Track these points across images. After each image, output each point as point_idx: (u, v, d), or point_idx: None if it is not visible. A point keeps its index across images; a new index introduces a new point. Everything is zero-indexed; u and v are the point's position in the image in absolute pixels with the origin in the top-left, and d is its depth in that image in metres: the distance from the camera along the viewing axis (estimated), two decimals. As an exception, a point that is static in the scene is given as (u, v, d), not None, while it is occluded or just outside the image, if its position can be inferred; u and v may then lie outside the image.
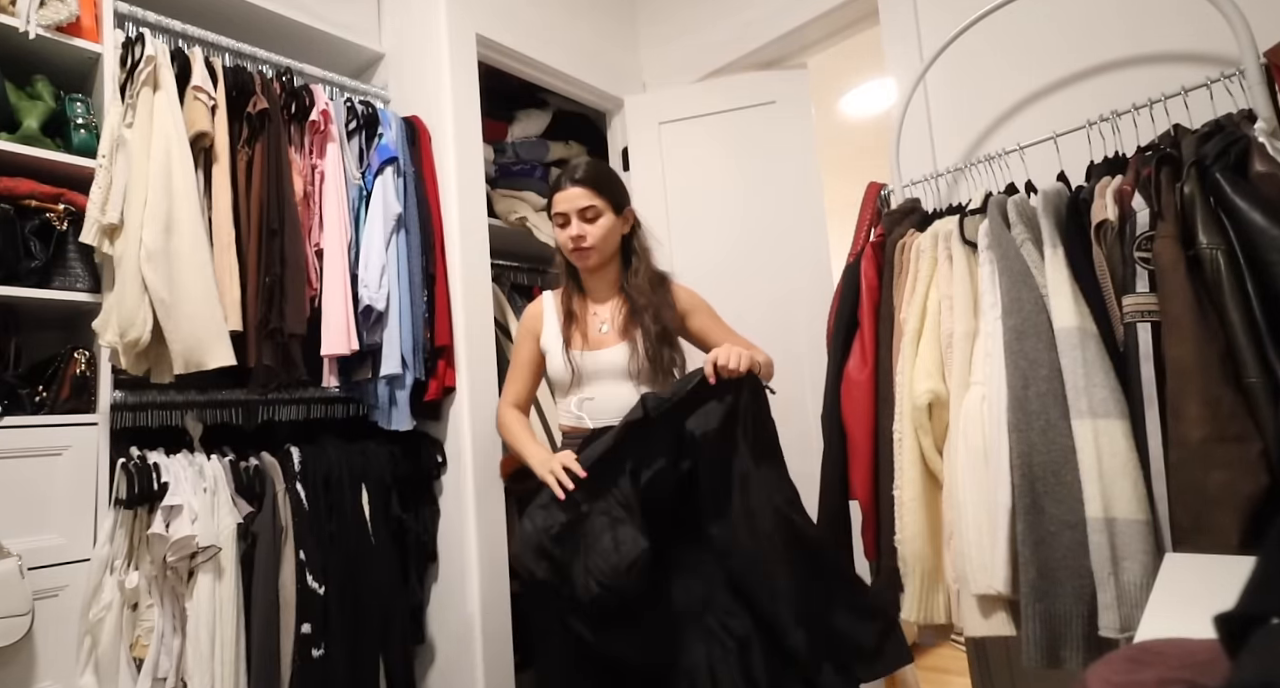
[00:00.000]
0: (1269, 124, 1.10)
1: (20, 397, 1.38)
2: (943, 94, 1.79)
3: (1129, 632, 1.02)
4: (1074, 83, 1.58)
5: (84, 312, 1.45)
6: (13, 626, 1.21)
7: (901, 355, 1.37)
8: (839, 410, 1.49)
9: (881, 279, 1.49)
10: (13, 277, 1.38)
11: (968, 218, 1.37)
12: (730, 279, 2.27)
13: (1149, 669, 0.44)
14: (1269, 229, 0.98)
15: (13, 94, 1.47)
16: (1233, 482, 0.96)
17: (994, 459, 1.18)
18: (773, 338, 2.19)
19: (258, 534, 1.46)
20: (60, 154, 1.45)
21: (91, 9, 1.52)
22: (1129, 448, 1.06)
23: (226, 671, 1.37)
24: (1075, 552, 1.08)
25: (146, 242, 1.39)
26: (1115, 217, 1.17)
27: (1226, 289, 1.00)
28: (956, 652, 2.48)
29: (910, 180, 1.69)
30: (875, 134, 3.31)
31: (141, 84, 1.45)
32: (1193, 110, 1.26)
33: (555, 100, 2.48)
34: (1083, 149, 1.37)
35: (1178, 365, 1.02)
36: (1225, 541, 0.95)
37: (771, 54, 2.29)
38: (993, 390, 1.21)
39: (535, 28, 2.18)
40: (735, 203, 2.29)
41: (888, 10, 1.91)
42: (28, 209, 1.41)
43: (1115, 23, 1.52)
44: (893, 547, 1.32)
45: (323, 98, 1.76)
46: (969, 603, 1.21)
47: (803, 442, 2.11)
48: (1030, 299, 1.20)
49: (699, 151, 2.35)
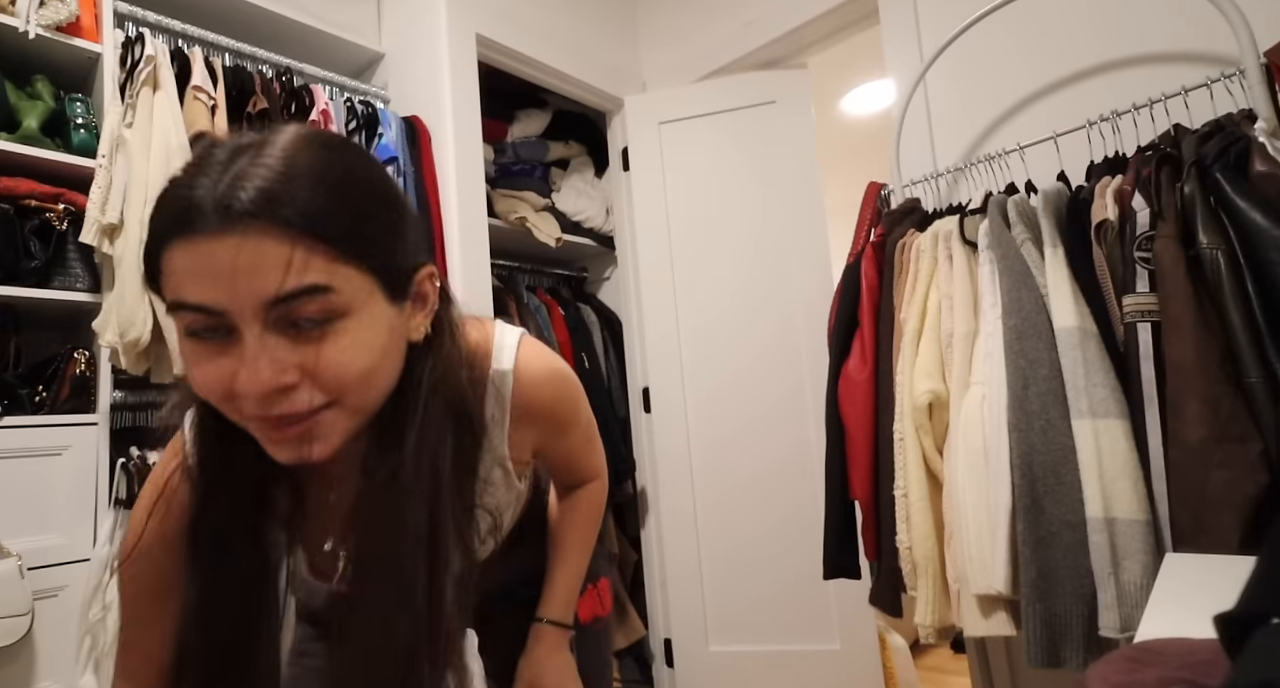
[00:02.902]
0: (1269, 124, 1.10)
1: (20, 397, 1.38)
2: (943, 94, 1.79)
3: (1129, 632, 1.02)
4: (1074, 82, 1.57)
5: (84, 312, 1.45)
6: (13, 626, 1.21)
7: (901, 355, 1.37)
8: (839, 410, 1.49)
9: (881, 279, 1.49)
10: (13, 277, 1.38)
11: (968, 218, 1.37)
12: (730, 279, 2.27)
13: (1149, 669, 0.44)
14: (1269, 229, 0.98)
15: (12, 94, 1.47)
16: (1233, 482, 0.96)
17: (994, 459, 1.18)
18: (773, 338, 2.20)
19: (257, 534, 1.45)
20: (60, 154, 1.45)
21: (91, 9, 1.51)
22: (1129, 448, 1.06)
23: (226, 671, 1.36)
24: (1075, 552, 1.08)
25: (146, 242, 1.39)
26: (1115, 216, 1.17)
27: (1226, 289, 1.00)
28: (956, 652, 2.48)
29: (910, 180, 1.69)
30: (875, 134, 3.30)
31: (141, 84, 1.45)
32: (1193, 110, 1.26)
33: (555, 100, 2.48)
34: (1083, 149, 1.36)
35: (1178, 365, 1.02)
36: (1225, 541, 0.95)
37: (771, 54, 2.29)
38: (993, 390, 1.21)
39: (535, 28, 2.18)
40: (735, 203, 2.29)
41: (888, 10, 1.91)
42: (27, 209, 1.41)
43: (1115, 22, 1.52)
44: (893, 547, 1.32)
45: (323, 98, 1.76)
46: (969, 603, 1.21)
47: (801, 441, 2.11)
48: (1030, 299, 1.19)
49: (699, 151, 2.35)
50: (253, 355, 0.47)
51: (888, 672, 2.04)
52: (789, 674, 2.07)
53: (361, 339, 0.50)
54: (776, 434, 2.14)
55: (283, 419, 0.49)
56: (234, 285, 0.45)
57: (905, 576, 1.31)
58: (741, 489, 2.18)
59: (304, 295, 0.47)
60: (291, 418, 0.50)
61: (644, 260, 2.38)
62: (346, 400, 0.51)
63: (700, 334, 2.28)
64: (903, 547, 1.30)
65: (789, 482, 2.11)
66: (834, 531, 1.49)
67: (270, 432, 0.51)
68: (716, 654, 2.15)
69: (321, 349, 0.48)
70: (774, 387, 2.16)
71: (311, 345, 0.48)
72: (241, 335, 0.47)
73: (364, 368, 0.50)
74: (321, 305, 0.48)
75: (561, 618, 0.81)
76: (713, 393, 2.24)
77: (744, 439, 2.18)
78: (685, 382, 2.27)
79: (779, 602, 2.11)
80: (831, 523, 1.50)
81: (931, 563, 1.27)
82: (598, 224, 2.47)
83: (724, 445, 2.21)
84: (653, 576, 2.29)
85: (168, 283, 0.48)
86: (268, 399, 0.48)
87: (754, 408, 2.18)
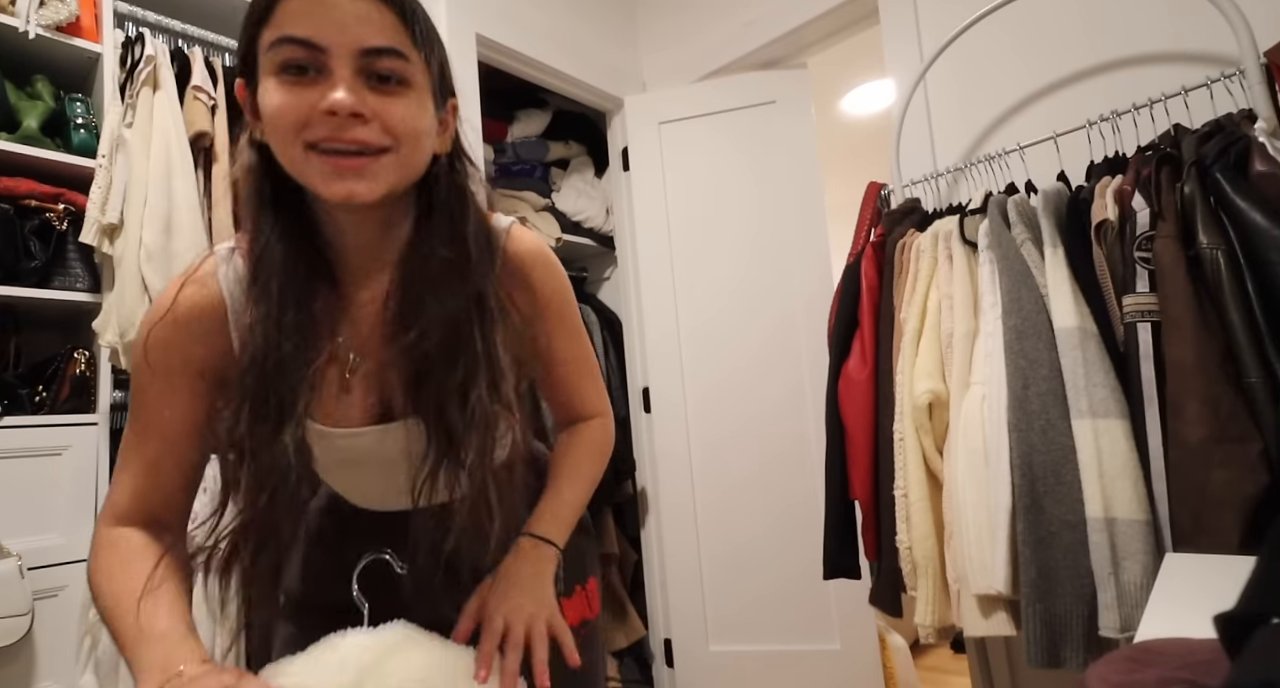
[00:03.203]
0: (1269, 124, 1.10)
1: (20, 397, 1.38)
2: (943, 94, 1.79)
3: (1129, 632, 1.02)
4: (1074, 82, 1.57)
5: (84, 312, 1.45)
6: (13, 626, 1.21)
7: (901, 355, 1.37)
8: (839, 410, 1.49)
9: (881, 279, 1.49)
10: (13, 277, 1.38)
11: (968, 218, 1.37)
12: (730, 279, 2.27)
13: (1149, 669, 0.44)
14: (1269, 229, 0.98)
15: (12, 94, 1.47)
16: (1233, 482, 0.96)
17: (994, 459, 1.18)
18: (773, 338, 2.20)
19: (257, 534, 1.46)
20: (60, 154, 1.45)
21: (91, 9, 1.51)
22: (1129, 448, 1.06)
23: (226, 671, 1.37)
24: (1075, 552, 1.08)
25: (146, 242, 1.39)
26: (1115, 216, 1.17)
27: (1226, 289, 1.00)
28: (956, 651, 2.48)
29: (910, 180, 1.69)
30: (875, 134, 3.31)
31: (141, 84, 1.45)
32: (1193, 110, 1.26)
33: (555, 100, 2.48)
34: (1083, 149, 1.36)
35: (1178, 365, 1.02)
36: (1225, 541, 0.95)
37: (771, 54, 2.29)
38: (993, 390, 1.21)
39: (535, 28, 2.18)
40: (735, 203, 2.29)
41: (888, 10, 1.91)
42: (28, 209, 1.41)
43: (1115, 22, 1.52)
44: (893, 547, 1.32)
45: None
46: (969, 603, 1.21)
47: (801, 441, 2.11)
48: (1030, 299, 1.20)
49: (699, 151, 2.35)
50: (344, 84, 0.57)
51: (888, 672, 2.04)
52: (789, 674, 2.07)
53: (417, 108, 0.62)
54: (776, 433, 2.14)
55: (348, 151, 0.58)
56: (344, 29, 0.57)
57: (905, 576, 1.31)
58: (741, 488, 2.18)
59: (388, 53, 0.59)
60: (356, 148, 0.58)
61: (644, 260, 2.38)
62: (400, 151, 0.61)
63: (700, 334, 2.28)
64: (903, 547, 1.30)
65: (788, 480, 2.11)
66: (834, 531, 1.50)
67: (334, 161, 0.58)
68: (716, 654, 2.15)
69: (391, 102, 0.60)
70: (774, 386, 2.16)
71: (384, 97, 0.59)
72: (332, 73, 0.57)
73: (417, 128, 0.62)
74: (397, 66, 0.59)
75: (543, 533, 0.74)
76: (713, 392, 2.24)
77: (743, 438, 2.18)
78: (685, 382, 2.27)
79: (779, 602, 2.11)
80: (832, 523, 1.50)
81: (931, 563, 1.27)
82: (597, 224, 2.47)
83: (724, 445, 2.21)
84: (653, 575, 2.29)
85: (276, 22, 0.58)
86: (345, 122, 0.57)
87: (754, 407, 2.18)
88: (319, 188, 0.59)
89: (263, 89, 0.59)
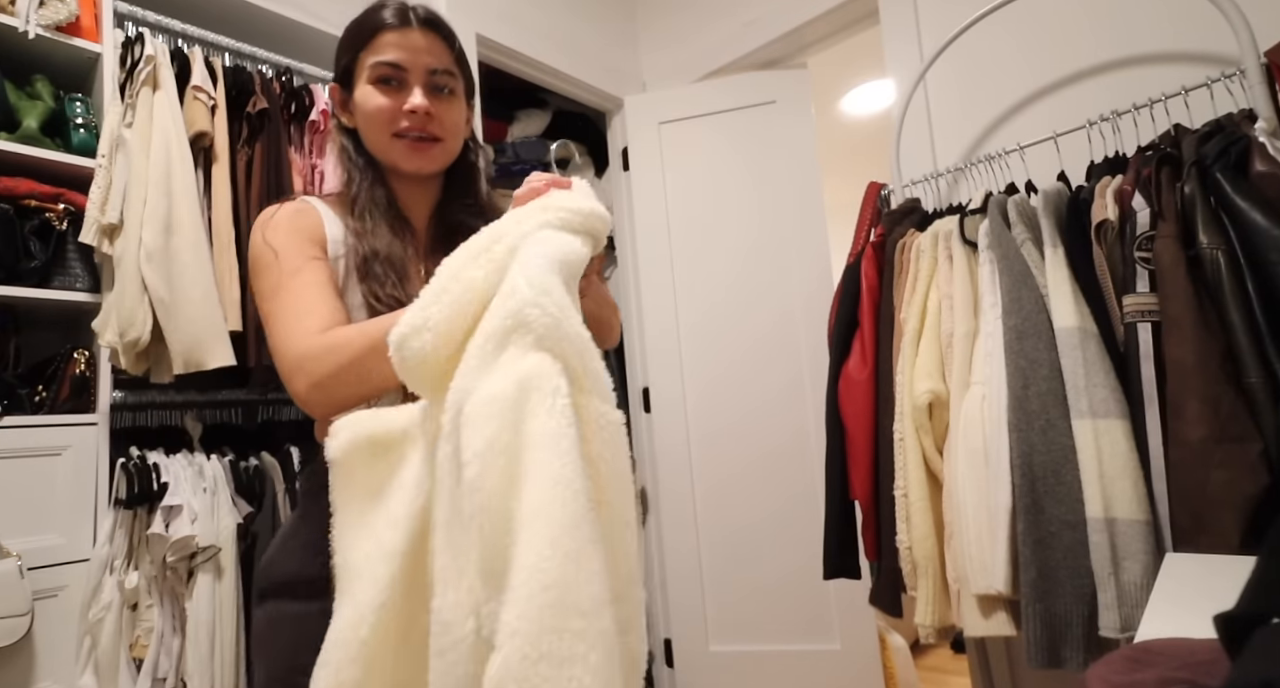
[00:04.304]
0: (1269, 124, 1.10)
1: (20, 397, 1.38)
2: (943, 94, 1.79)
3: (1129, 632, 1.02)
4: (1074, 82, 1.57)
5: (84, 312, 1.45)
6: (13, 626, 1.21)
7: (901, 355, 1.37)
8: (839, 410, 1.49)
9: (882, 279, 1.49)
10: (12, 276, 1.38)
11: (968, 218, 1.37)
12: (731, 278, 2.27)
13: (1149, 669, 0.44)
14: (1269, 229, 0.98)
15: (12, 94, 1.47)
16: (1233, 482, 0.96)
17: (994, 459, 1.18)
18: (772, 338, 2.20)
19: (258, 534, 1.46)
20: (60, 154, 1.45)
21: (91, 8, 1.51)
22: (1129, 448, 1.06)
23: (226, 671, 1.36)
24: (1075, 552, 1.08)
25: (146, 241, 1.39)
26: (1115, 216, 1.17)
27: (1227, 289, 1.00)
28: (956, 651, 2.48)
29: (910, 180, 1.69)
30: (875, 134, 3.31)
31: (141, 84, 1.45)
32: (1193, 110, 1.26)
33: (555, 100, 2.48)
34: (1083, 149, 1.36)
35: (1178, 365, 1.02)
36: (1225, 541, 0.95)
37: (771, 54, 2.29)
38: (993, 390, 1.21)
39: (535, 28, 2.18)
40: (735, 203, 2.29)
41: (888, 10, 1.91)
42: (27, 209, 1.41)
43: (1115, 22, 1.52)
44: (893, 547, 1.32)
45: (323, 97, 1.75)
46: (969, 603, 1.21)
47: (800, 438, 2.11)
48: (1030, 299, 1.20)
49: (699, 151, 2.35)
50: (420, 93, 0.84)
51: (888, 672, 2.04)
52: (789, 674, 2.07)
53: (459, 111, 0.89)
54: (775, 430, 2.14)
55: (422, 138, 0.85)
56: (418, 56, 0.85)
57: (905, 576, 1.31)
58: (740, 485, 2.18)
59: (445, 73, 0.86)
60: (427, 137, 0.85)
61: (644, 260, 2.38)
62: (449, 142, 0.88)
63: (700, 333, 2.28)
64: (903, 547, 1.30)
65: (788, 477, 2.12)
66: (834, 531, 1.50)
67: (412, 144, 0.85)
68: (716, 654, 2.15)
69: (445, 107, 0.87)
70: (773, 384, 2.16)
71: (441, 103, 0.86)
72: (410, 85, 0.85)
73: (459, 124, 0.89)
74: (449, 81, 0.87)
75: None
76: (712, 393, 2.24)
77: (743, 436, 2.18)
78: (685, 382, 2.27)
79: (779, 602, 2.11)
80: (832, 523, 1.50)
81: (931, 563, 1.27)
82: (598, 224, 2.47)
83: (723, 444, 2.21)
84: (653, 576, 2.29)
85: (375, 48, 0.84)
86: (423, 118, 0.84)
87: (753, 405, 2.18)
88: (400, 162, 0.86)
89: (361, 93, 0.85)
